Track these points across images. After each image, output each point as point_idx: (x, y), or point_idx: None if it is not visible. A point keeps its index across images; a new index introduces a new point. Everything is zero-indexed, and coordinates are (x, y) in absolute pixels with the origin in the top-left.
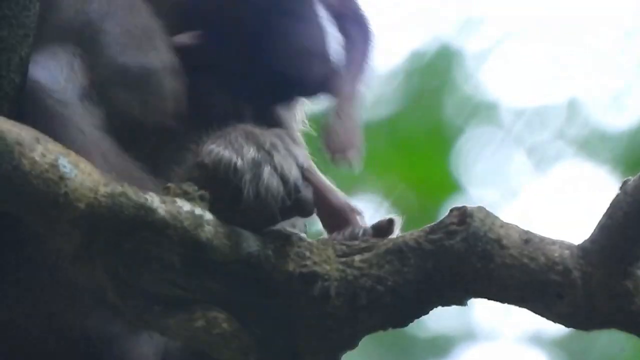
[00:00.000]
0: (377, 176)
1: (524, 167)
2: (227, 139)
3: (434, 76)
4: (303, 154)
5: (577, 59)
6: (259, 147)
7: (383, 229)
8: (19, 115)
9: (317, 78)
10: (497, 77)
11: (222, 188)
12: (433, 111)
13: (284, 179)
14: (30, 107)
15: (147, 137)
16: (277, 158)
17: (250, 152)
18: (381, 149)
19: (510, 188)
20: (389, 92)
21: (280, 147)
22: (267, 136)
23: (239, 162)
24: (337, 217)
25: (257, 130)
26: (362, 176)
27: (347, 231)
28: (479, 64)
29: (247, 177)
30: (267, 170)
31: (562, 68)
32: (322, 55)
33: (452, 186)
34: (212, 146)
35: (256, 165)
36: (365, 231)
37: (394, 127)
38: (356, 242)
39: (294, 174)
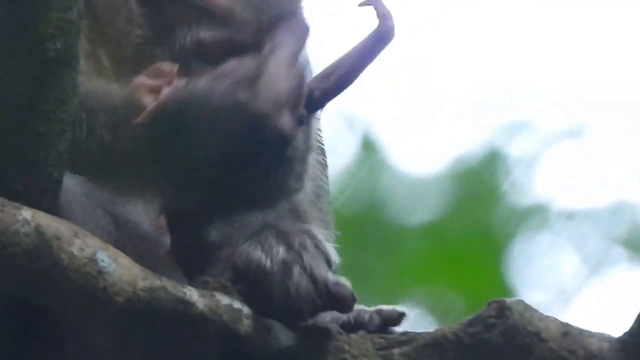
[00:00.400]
0: (423, 283)
1: (576, 270)
2: (258, 239)
3: (481, 180)
4: (333, 251)
5: (624, 160)
6: (289, 247)
7: (392, 320)
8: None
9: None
10: (545, 179)
11: (254, 288)
12: (480, 215)
13: (313, 280)
14: None
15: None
16: (307, 258)
17: (280, 253)
18: (427, 255)
19: (563, 291)
20: (434, 196)
21: (310, 247)
22: (297, 235)
23: (269, 264)
24: None
25: (287, 228)
26: (407, 283)
27: (352, 315)
28: (526, 167)
29: (277, 278)
30: (296, 272)
31: (609, 169)
32: None
33: (503, 292)
34: (244, 247)
35: (286, 267)
36: (372, 318)
37: (440, 233)
38: (395, 335)
39: (323, 273)
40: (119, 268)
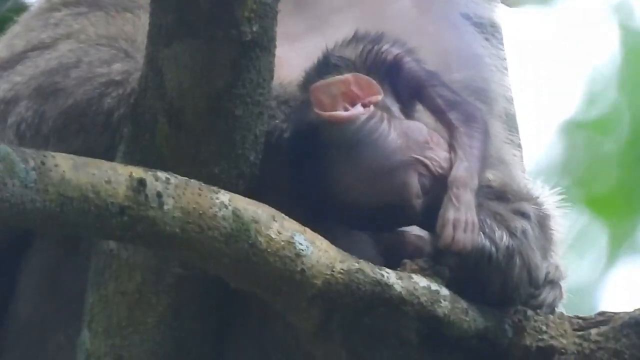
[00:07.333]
0: None
1: None
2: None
3: None
4: (554, 229)
5: None
6: (511, 233)
7: None
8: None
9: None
10: None
11: (469, 273)
12: None
13: (530, 275)
14: None
15: None
16: (527, 247)
17: (504, 240)
18: None
19: None
20: None
21: (530, 233)
22: (516, 220)
23: (494, 251)
24: None
25: (502, 210)
26: None
27: None
28: None
29: (499, 267)
30: (518, 263)
31: None
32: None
33: None
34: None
35: (509, 256)
36: None
37: None
38: (592, 315)
39: (540, 264)
40: (317, 251)
